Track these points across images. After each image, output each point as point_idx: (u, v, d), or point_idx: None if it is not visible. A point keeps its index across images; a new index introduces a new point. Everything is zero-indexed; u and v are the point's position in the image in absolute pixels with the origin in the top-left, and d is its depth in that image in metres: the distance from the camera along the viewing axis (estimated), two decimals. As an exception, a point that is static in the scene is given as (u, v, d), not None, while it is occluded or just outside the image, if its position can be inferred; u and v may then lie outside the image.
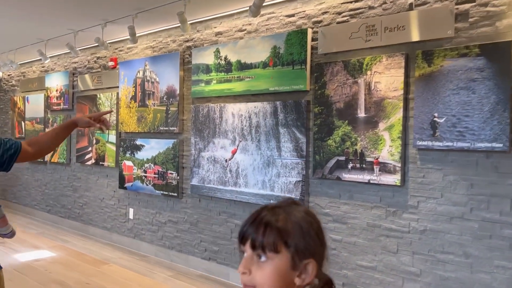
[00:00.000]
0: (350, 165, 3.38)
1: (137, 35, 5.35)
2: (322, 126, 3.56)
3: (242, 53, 4.17)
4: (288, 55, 3.79)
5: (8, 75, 8.28)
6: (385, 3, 3.27)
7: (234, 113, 4.25)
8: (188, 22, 4.67)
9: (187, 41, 4.82)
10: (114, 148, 5.72)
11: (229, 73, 4.30)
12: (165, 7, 4.21)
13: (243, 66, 4.17)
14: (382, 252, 3.28)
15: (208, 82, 4.51)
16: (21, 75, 7.90)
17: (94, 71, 6.16)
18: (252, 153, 4.08)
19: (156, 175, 5.10)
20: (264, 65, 3.98)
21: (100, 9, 4.41)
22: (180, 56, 4.82)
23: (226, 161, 4.32)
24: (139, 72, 5.33)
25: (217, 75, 4.41)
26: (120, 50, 5.73)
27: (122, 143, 5.57)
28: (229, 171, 4.28)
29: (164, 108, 4.99)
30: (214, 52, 4.43)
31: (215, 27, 4.52)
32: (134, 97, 5.39)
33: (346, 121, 3.41)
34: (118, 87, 5.70)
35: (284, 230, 0.90)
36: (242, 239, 0.93)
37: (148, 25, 4.88)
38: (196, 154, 4.62)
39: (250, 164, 4.10)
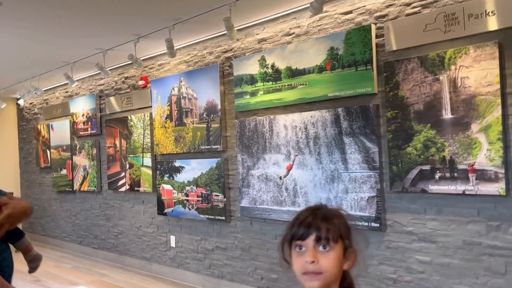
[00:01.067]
0: (437, 175, 2.94)
1: (165, 51, 5.04)
2: (398, 132, 3.13)
3: (292, 58, 3.79)
4: (349, 56, 3.39)
5: (30, 103, 8.05)
6: (465, -13, 2.87)
7: (287, 125, 3.85)
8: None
9: (226, 51, 4.46)
10: (150, 172, 5.35)
11: (278, 82, 3.92)
12: (200, 17, 3.87)
13: (294, 73, 3.79)
14: (485, 274, 2.81)
15: (253, 94, 4.13)
16: (43, 102, 7.65)
17: (123, 92, 5.84)
18: (311, 168, 3.66)
19: (200, 198, 4.70)
20: (320, 69, 3.59)
21: (132, 24, 4.08)
22: (220, 68, 4.47)
23: (280, 178, 3.90)
24: (173, 89, 4.99)
25: (264, 85, 4.03)
26: (151, 68, 5.41)
27: (158, 166, 5.21)
28: (285, 190, 3.87)
29: (205, 126, 4.62)
30: (259, 60, 4.06)
31: (257, 34, 4.16)
32: (169, 116, 5.04)
33: (428, 125, 2.98)
34: (150, 107, 5.36)
35: (339, 225, 1.13)
36: (302, 236, 1.11)
37: (181, 38, 4.53)
38: (244, 173, 4.22)
39: (310, 180, 3.68)
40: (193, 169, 4.78)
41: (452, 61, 2.86)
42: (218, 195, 4.51)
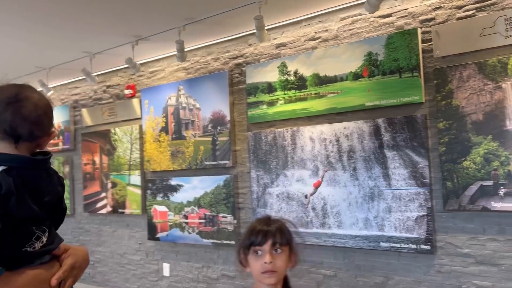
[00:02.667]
0: (501, 191, 2.69)
1: (161, 56, 4.56)
2: (453, 145, 2.86)
3: (320, 64, 3.46)
4: (391, 62, 3.12)
5: (-17, 115, 7.10)
6: (525, -10, 2.70)
7: (314, 137, 3.48)
8: (238, 35, 3.96)
9: (235, 58, 4.05)
10: (138, 191, 4.75)
11: (302, 90, 3.56)
12: (210, 19, 3.47)
13: (323, 80, 3.45)
14: (559, 299, 2.57)
15: (271, 104, 3.74)
16: (0, 114, 6.76)
17: (104, 102, 5.22)
18: (345, 185, 3.31)
19: (203, 221, 4.18)
20: (355, 76, 3.29)
21: (131, 23, 3.58)
22: (228, 76, 4.04)
23: (306, 197, 3.51)
24: (170, 98, 4.48)
25: (285, 94, 3.66)
26: (140, 76, 4.86)
27: (150, 184, 4.62)
28: (312, 209, 3.48)
29: (210, 139, 4.15)
30: (278, 67, 3.70)
31: (275, 39, 3.80)
32: (165, 129, 4.51)
33: (490, 136, 2.74)
34: (140, 118, 4.79)
35: (287, 232, 1.45)
36: (261, 243, 1.40)
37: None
38: (260, 191, 3.78)
39: (343, 198, 3.32)
40: (194, 188, 4.27)
41: (516, 68, 2.66)
42: (226, 217, 4.03)
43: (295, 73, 3.60)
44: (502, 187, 2.69)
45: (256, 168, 3.82)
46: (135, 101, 4.84)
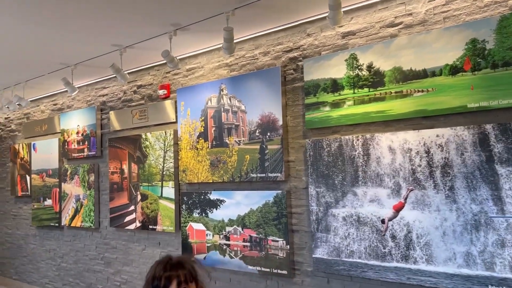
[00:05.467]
0: None
1: (200, 51, 3.96)
2: None
3: (403, 56, 2.77)
4: (505, 51, 2.40)
5: (6, 118, 6.69)
6: None
7: (394, 147, 2.79)
8: (294, 23, 3.32)
9: (290, 50, 3.41)
10: (172, 205, 4.14)
11: (379, 88, 2.88)
12: (263, 2, 2.83)
13: (407, 76, 2.76)
14: None
15: (336, 105, 3.06)
16: (23, 117, 6.32)
17: (134, 104, 4.66)
18: (438, 209, 2.60)
19: (248, 244, 3.53)
20: (453, 70, 2.58)
21: (170, 8, 2.98)
22: (281, 72, 3.40)
23: (383, 222, 2.81)
24: (210, 100, 3.86)
25: (354, 93, 2.98)
26: (175, 74, 4.27)
27: (185, 198, 4.01)
28: (391, 238, 2.77)
29: (257, 147, 3.50)
30: (346, 60, 3.02)
31: (341, 26, 3.13)
32: (203, 135, 3.89)
33: None
34: (175, 122, 4.20)
35: (191, 268, 1.54)
36: (166, 286, 1.48)
37: (218, 36, 3.43)
38: (320, 212, 3.11)
39: (435, 226, 2.60)
40: (238, 204, 3.62)
41: None
42: (276, 241, 3.36)
43: (369, 67, 2.92)
44: None
45: (316, 183, 3.14)
46: (169, 103, 4.25)
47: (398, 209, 2.76)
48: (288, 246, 3.30)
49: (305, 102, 3.24)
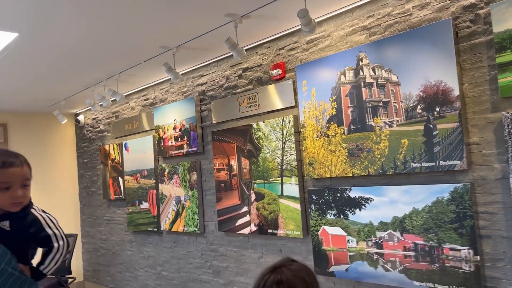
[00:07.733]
0: None
1: (326, 16, 3.24)
2: None
3: None
4: None
5: (94, 118, 6.42)
6: None
7: None
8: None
9: (462, -3, 2.57)
10: (297, 206, 3.46)
11: None
12: None
13: None
14: None
15: (553, 60, 2.19)
16: (112, 115, 5.99)
17: (240, 90, 4.04)
18: None
19: (412, 253, 2.74)
20: None
21: None
22: (452, 27, 2.57)
23: None
24: (344, 74, 3.12)
25: None
26: (291, 49, 3.58)
27: (314, 197, 3.31)
28: None
29: (420, 127, 2.70)
30: None
31: (550, -49, 2.24)
32: (336, 118, 3.16)
33: None
34: (294, 107, 3.51)
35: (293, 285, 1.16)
36: None
37: None
38: (532, 210, 2.24)
39: None
40: (393, 203, 2.85)
41: None
42: (457, 250, 2.54)
43: None
44: None
45: (521, 171, 2.28)
46: (286, 84, 3.57)
47: None
48: (477, 257, 2.47)
49: (497, 62, 2.38)
